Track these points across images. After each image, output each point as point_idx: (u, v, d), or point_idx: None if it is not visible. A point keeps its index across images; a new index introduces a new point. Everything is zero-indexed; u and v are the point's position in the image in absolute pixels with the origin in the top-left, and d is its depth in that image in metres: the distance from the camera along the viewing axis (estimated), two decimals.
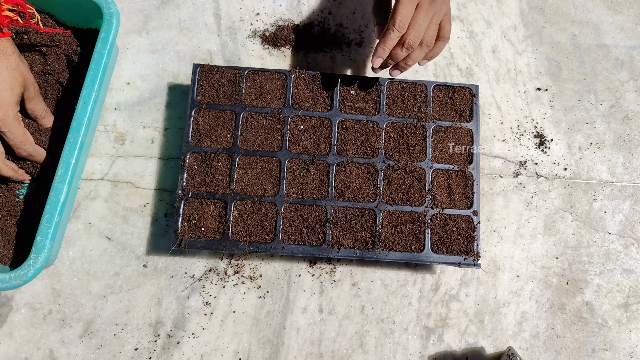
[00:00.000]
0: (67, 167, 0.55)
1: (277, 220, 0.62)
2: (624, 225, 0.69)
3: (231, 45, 0.72)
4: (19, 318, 0.61)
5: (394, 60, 0.59)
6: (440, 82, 0.68)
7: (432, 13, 0.58)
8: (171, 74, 0.70)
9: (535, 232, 0.68)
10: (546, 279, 0.66)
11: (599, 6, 0.78)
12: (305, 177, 0.63)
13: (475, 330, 0.64)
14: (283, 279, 0.65)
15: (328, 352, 0.63)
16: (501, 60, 0.74)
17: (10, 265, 0.58)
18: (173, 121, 0.69)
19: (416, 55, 0.59)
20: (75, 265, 0.63)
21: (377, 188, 0.63)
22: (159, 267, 0.64)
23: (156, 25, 0.72)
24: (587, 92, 0.74)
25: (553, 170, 0.70)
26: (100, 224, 0.65)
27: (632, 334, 0.65)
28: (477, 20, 0.76)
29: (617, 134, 0.72)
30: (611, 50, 0.76)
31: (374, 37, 0.74)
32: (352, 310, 0.64)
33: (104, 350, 0.61)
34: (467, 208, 0.64)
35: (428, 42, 0.59)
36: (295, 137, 0.64)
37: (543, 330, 0.65)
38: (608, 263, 0.67)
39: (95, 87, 0.56)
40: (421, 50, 0.59)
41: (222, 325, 0.63)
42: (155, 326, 0.62)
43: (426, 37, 0.58)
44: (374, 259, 0.61)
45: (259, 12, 0.74)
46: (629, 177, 0.71)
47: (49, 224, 0.53)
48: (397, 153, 0.65)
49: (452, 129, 0.66)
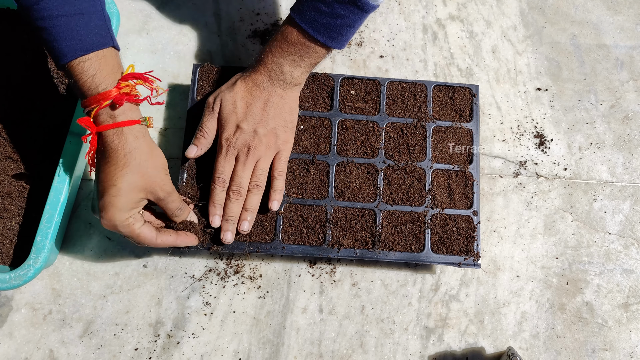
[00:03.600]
0: (67, 167, 0.55)
1: (277, 220, 0.62)
2: (624, 225, 0.69)
3: (231, 45, 0.72)
4: (19, 318, 0.61)
5: (232, 214, 0.59)
6: (440, 82, 0.68)
7: (254, 159, 0.59)
8: (171, 74, 0.70)
9: (535, 232, 0.68)
10: (546, 279, 0.66)
11: (599, 6, 0.78)
12: (305, 177, 0.63)
13: (475, 330, 0.64)
14: (283, 279, 0.65)
15: (328, 352, 0.63)
16: (501, 60, 0.74)
17: (10, 265, 0.58)
18: (173, 121, 0.69)
19: (253, 200, 0.59)
20: (75, 265, 0.63)
21: (377, 188, 0.63)
22: (159, 267, 0.64)
23: (156, 25, 0.72)
24: (587, 92, 0.74)
25: (553, 170, 0.70)
26: (100, 224, 0.65)
27: (632, 334, 0.65)
28: (477, 20, 0.76)
29: (617, 134, 0.72)
30: (611, 50, 0.76)
31: (373, 37, 0.74)
32: (352, 310, 0.64)
33: (104, 350, 0.61)
34: (467, 208, 0.64)
35: (259, 184, 0.59)
36: (295, 137, 0.64)
37: (543, 330, 0.65)
38: (608, 263, 0.67)
39: None
40: (254, 194, 0.59)
41: (222, 325, 0.63)
42: (155, 326, 0.62)
43: (254, 182, 0.59)
44: (374, 259, 0.61)
45: (259, 12, 0.74)
46: (629, 177, 0.71)
47: (49, 224, 0.53)
48: (397, 153, 0.65)
49: (452, 129, 0.66)
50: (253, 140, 0.58)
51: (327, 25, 0.54)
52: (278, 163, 0.60)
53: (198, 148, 0.60)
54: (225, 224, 0.58)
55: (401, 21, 0.75)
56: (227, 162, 0.59)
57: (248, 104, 0.58)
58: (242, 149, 0.58)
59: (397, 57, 0.73)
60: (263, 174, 0.59)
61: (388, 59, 0.73)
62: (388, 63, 0.73)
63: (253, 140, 0.58)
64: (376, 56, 0.73)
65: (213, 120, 0.60)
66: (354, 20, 0.54)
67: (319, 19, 0.54)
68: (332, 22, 0.54)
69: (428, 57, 0.74)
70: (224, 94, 0.59)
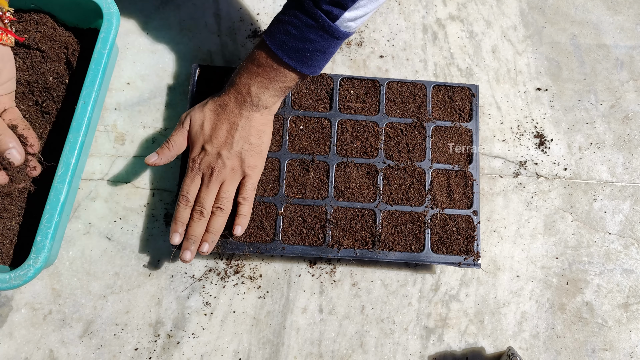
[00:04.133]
0: (67, 167, 0.55)
1: (277, 220, 0.62)
2: (624, 225, 0.69)
3: (231, 45, 0.72)
4: (19, 318, 0.61)
5: (194, 234, 0.58)
6: (439, 82, 0.68)
7: (218, 182, 0.58)
8: (171, 74, 0.70)
9: (535, 232, 0.68)
10: (546, 279, 0.66)
11: (599, 6, 0.78)
12: (305, 177, 0.63)
13: (475, 330, 0.64)
14: (283, 279, 0.65)
15: (328, 352, 0.63)
16: (501, 60, 0.74)
17: (10, 265, 0.58)
18: (173, 121, 0.69)
19: (216, 222, 0.58)
20: (75, 265, 0.63)
21: (377, 188, 0.63)
22: (159, 267, 0.64)
23: (156, 25, 0.72)
24: (587, 92, 0.74)
25: (553, 170, 0.70)
26: (100, 224, 0.65)
27: (632, 334, 0.65)
28: (477, 20, 0.76)
29: (617, 134, 0.72)
30: (611, 50, 0.76)
31: (373, 37, 0.74)
32: (352, 310, 0.64)
33: (104, 350, 0.61)
34: (467, 208, 0.64)
35: (222, 207, 0.58)
36: (294, 138, 0.64)
37: (543, 330, 0.65)
38: (608, 263, 0.67)
39: (95, 87, 0.56)
40: (217, 217, 0.58)
41: (222, 325, 0.63)
42: (155, 326, 0.62)
43: (217, 204, 0.58)
44: (374, 259, 0.61)
45: (259, 12, 0.74)
46: (629, 177, 0.71)
47: (49, 224, 0.53)
48: (397, 153, 0.65)
49: (452, 129, 0.66)
50: (217, 162, 0.58)
51: (297, 49, 0.53)
52: (243, 188, 0.60)
53: (159, 157, 0.59)
54: (186, 243, 0.58)
55: (401, 21, 0.75)
56: (192, 182, 0.59)
57: (214, 125, 0.58)
58: (206, 170, 0.58)
59: (397, 57, 0.73)
60: (227, 197, 0.59)
61: (388, 59, 0.73)
62: (388, 63, 0.73)
63: (217, 163, 0.58)
64: (376, 56, 0.73)
65: (182, 136, 0.60)
66: (324, 45, 0.53)
67: (288, 42, 0.53)
68: (302, 45, 0.53)
69: (428, 57, 0.74)
70: (195, 113, 0.59)
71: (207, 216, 0.58)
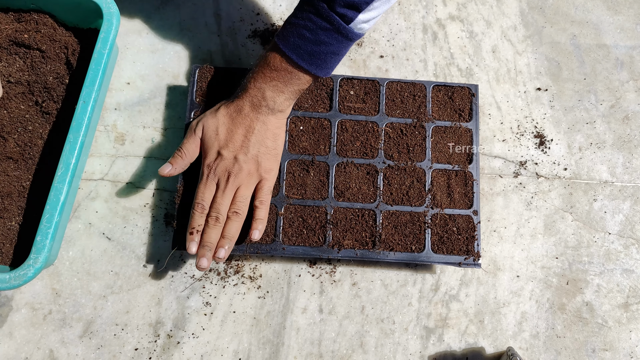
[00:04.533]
0: (67, 167, 0.55)
1: (277, 221, 0.62)
2: (624, 225, 0.69)
3: (231, 45, 0.72)
4: (19, 318, 0.61)
5: (209, 241, 0.57)
6: (439, 82, 0.68)
7: (235, 186, 0.58)
8: (171, 74, 0.70)
9: (535, 232, 0.68)
10: (546, 279, 0.66)
11: (599, 6, 0.78)
12: (305, 178, 0.63)
13: (475, 330, 0.64)
14: (283, 279, 0.65)
15: (328, 352, 0.63)
16: (501, 60, 0.74)
17: (10, 265, 0.58)
18: (173, 121, 0.69)
19: (232, 227, 0.58)
20: (75, 265, 0.63)
21: (377, 188, 0.63)
22: (159, 267, 0.64)
23: (156, 25, 0.72)
24: (587, 92, 0.74)
25: (553, 170, 0.70)
26: (100, 224, 0.65)
27: (632, 334, 0.65)
28: (477, 20, 0.76)
29: (617, 134, 0.72)
30: (611, 50, 0.76)
31: (373, 37, 0.74)
32: (352, 311, 0.64)
33: (104, 350, 0.61)
34: (467, 208, 0.64)
35: (238, 212, 0.58)
36: (294, 138, 0.64)
37: (543, 330, 0.65)
38: (608, 263, 0.67)
39: (95, 87, 0.56)
40: (233, 222, 0.58)
41: (222, 326, 0.63)
42: (155, 326, 0.62)
43: (233, 209, 0.58)
44: (374, 259, 0.61)
45: (259, 12, 0.74)
46: (629, 177, 0.71)
47: (49, 224, 0.53)
48: (397, 153, 0.65)
49: (452, 129, 0.66)
50: (233, 167, 0.57)
51: (311, 52, 0.53)
52: (260, 192, 0.59)
53: (173, 167, 0.59)
54: (201, 250, 0.57)
55: (401, 21, 0.75)
56: (207, 189, 0.58)
57: (230, 130, 0.58)
58: (222, 175, 0.58)
59: (397, 57, 0.73)
60: (243, 202, 0.58)
61: (388, 59, 0.73)
62: (388, 63, 0.73)
63: (233, 167, 0.57)
64: (376, 56, 0.73)
65: (194, 143, 0.59)
66: (339, 47, 0.54)
67: (302, 46, 0.53)
68: (316, 49, 0.53)
69: (428, 57, 0.74)
70: (207, 120, 0.59)
71: (223, 222, 0.58)
